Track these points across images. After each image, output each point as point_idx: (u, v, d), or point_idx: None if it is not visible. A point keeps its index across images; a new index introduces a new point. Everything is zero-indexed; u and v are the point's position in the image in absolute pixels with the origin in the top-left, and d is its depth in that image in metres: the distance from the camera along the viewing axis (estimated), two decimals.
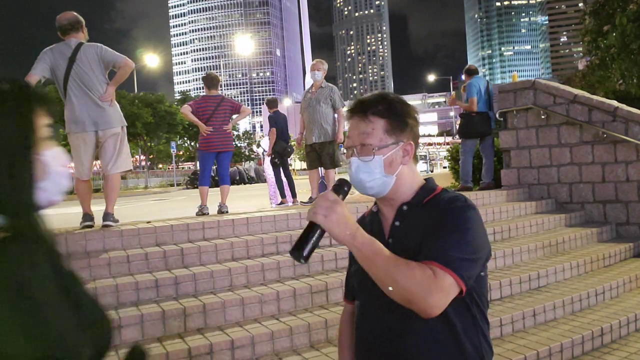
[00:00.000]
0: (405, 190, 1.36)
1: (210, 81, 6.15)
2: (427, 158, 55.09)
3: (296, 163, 47.86)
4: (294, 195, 7.73)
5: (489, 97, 6.86)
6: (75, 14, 4.46)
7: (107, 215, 4.18)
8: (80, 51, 4.29)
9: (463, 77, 7.32)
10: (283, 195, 7.75)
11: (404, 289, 1.14)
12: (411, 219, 1.33)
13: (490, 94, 6.91)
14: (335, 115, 6.33)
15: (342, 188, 1.26)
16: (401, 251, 1.20)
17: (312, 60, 6.71)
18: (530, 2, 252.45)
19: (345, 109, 6.36)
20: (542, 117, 5.85)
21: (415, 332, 1.26)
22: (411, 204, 1.35)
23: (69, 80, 4.25)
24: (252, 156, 58.34)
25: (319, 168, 6.52)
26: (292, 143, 8.90)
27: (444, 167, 31.38)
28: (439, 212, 1.28)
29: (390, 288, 1.15)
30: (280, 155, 7.67)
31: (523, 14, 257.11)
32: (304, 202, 6.37)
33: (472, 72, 7.03)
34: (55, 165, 0.92)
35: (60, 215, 3.78)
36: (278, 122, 7.71)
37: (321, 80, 6.34)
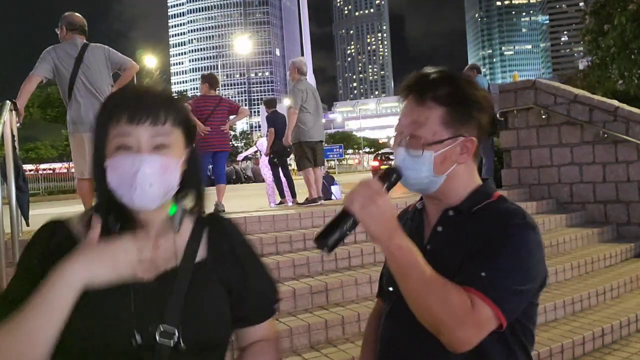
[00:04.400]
0: (457, 192, 1.15)
1: (211, 81, 6.20)
2: None
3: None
4: (293, 195, 7.71)
5: None
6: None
7: None
8: (87, 52, 4.28)
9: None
10: (282, 195, 7.74)
11: (434, 315, 0.97)
12: (456, 227, 1.13)
13: (490, 94, 6.94)
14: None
15: (389, 178, 1.09)
16: (439, 263, 1.02)
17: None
18: (531, 1, 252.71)
19: (307, 112, 5.95)
20: (543, 116, 5.83)
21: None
22: (458, 209, 1.14)
23: (76, 80, 4.22)
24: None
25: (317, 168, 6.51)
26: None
27: None
28: (489, 226, 1.08)
29: (419, 309, 0.99)
30: (279, 155, 7.66)
31: (524, 14, 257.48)
32: (299, 204, 6.35)
33: (478, 70, 7.16)
34: None
35: (61, 215, 3.76)
36: (276, 122, 7.68)
37: (294, 81, 6.15)
